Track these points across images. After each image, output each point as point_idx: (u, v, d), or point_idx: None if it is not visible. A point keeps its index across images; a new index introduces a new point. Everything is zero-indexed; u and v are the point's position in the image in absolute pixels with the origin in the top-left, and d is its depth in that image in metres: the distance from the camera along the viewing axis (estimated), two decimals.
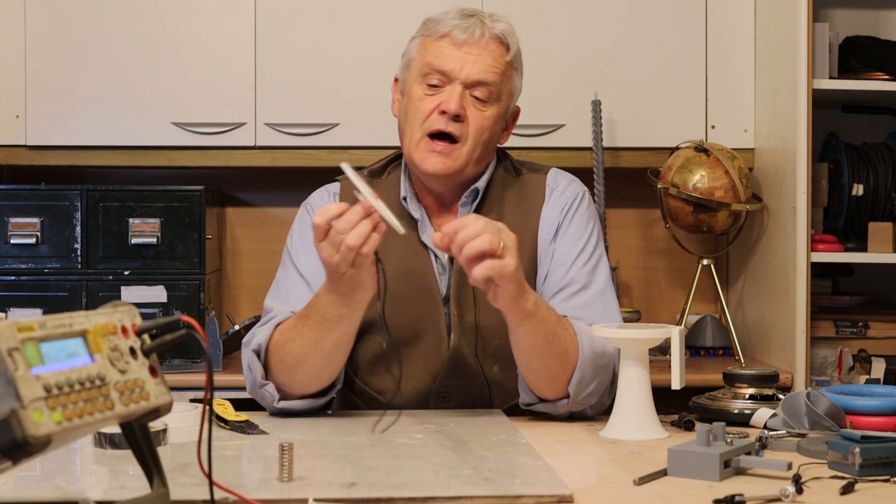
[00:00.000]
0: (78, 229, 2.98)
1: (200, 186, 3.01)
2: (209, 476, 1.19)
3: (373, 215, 1.62)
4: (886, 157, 3.14)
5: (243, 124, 3.16)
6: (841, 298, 3.28)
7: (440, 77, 1.92)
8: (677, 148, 3.17)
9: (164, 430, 1.61)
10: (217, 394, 2.64)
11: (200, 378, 2.81)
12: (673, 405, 1.92)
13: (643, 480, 1.42)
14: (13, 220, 2.98)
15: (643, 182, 3.24)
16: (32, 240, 2.97)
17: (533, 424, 1.84)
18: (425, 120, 1.92)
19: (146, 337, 1.20)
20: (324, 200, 2.05)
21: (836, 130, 3.24)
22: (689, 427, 1.80)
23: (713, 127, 3.24)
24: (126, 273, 2.99)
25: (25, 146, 3.15)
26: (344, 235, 1.62)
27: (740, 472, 1.46)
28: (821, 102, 3.03)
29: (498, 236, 1.63)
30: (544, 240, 2.00)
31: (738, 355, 3.15)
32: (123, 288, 2.98)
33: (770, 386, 1.86)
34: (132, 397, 1.14)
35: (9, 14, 3.13)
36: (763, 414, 1.78)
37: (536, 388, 1.86)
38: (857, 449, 1.43)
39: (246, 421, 1.77)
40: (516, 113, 2.05)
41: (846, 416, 1.72)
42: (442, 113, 1.91)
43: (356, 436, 1.71)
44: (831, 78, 3.04)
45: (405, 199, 2.00)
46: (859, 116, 3.39)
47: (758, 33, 3.22)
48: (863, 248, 3.02)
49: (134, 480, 1.39)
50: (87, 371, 1.10)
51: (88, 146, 3.16)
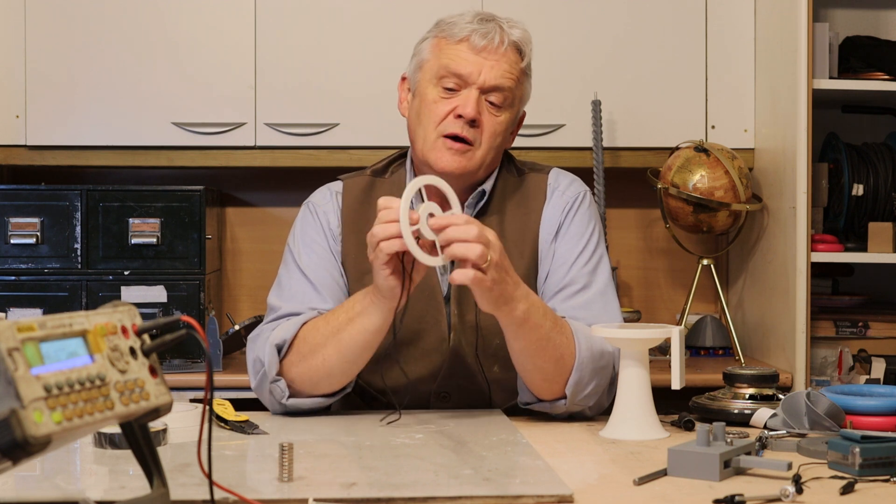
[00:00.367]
0: (78, 229, 2.98)
1: (200, 186, 3.01)
2: (209, 476, 1.19)
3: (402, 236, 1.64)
4: (886, 157, 3.14)
5: (243, 124, 3.16)
6: (841, 298, 3.28)
7: (456, 81, 1.92)
8: (677, 148, 3.17)
9: (164, 430, 1.61)
10: (217, 394, 2.64)
11: (200, 378, 2.81)
12: (673, 405, 1.92)
13: (643, 480, 1.42)
14: (13, 220, 2.97)
15: (643, 182, 3.24)
16: (32, 240, 2.97)
17: (533, 424, 1.84)
18: (440, 123, 1.93)
19: (146, 337, 1.20)
20: (326, 200, 2.05)
21: (836, 130, 3.24)
22: (689, 427, 1.80)
23: (713, 127, 3.24)
24: (126, 273, 2.99)
25: (25, 146, 3.15)
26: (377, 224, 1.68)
27: (740, 472, 1.46)
28: (821, 102, 3.03)
29: (487, 250, 1.64)
30: (545, 240, 2.00)
31: (738, 355, 3.15)
32: (123, 288, 2.97)
33: (770, 386, 1.86)
34: (132, 397, 1.14)
35: (9, 14, 3.13)
36: (763, 414, 1.78)
37: (533, 389, 1.86)
38: (857, 449, 1.43)
39: (246, 421, 1.77)
40: (522, 116, 2.06)
41: (846, 416, 1.72)
42: (458, 117, 1.91)
43: (356, 436, 1.71)
44: (831, 78, 3.04)
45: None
46: (859, 116, 3.39)
47: (758, 33, 3.22)
48: (863, 248, 3.02)
49: (134, 480, 1.39)
50: (87, 371, 1.10)
51: (88, 146, 3.16)
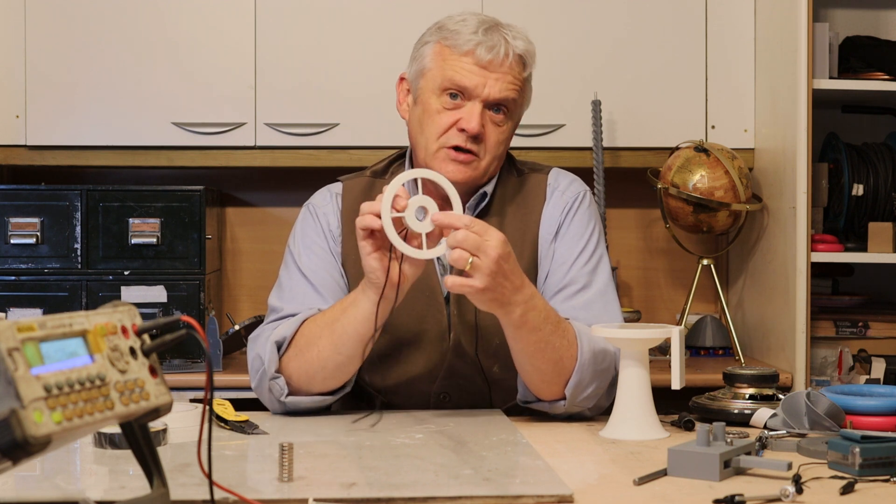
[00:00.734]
0: (78, 229, 2.98)
1: (200, 186, 3.01)
2: (209, 476, 1.19)
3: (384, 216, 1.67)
4: (886, 157, 3.14)
5: (243, 124, 3.16)
6: (841, 298, 3.28)
7: (460, 93, 1.92)
8: (677, 148, 3.17)
9: (164, 430, 1.61)
10: (217, 394, 2.64)
11: (200, 378, 2.81)
12: (673, 405, 1.92)
13: (643, 480, 1.42)
14: (13, 220, 2.97)
15: (643, 182, 3.24)
16: (32, 240, 2.97)
17: (533, 424, 1.84)
18: (443, 134, 1.93)
19: (146, 337, 1.20)
20: (326, 201, 2.05)
21: (836, 130, 3.24)
22: (689, 427, 1.80)
23: (713, 127, 3.24)
24: (126, 273, 2.99)
25: (25, 146, 3.15)
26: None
27: (740, 472, 1.46)
28: (821, 102, 3.03)
29: (467, 255, 1.64)
30: (545, 239, 2.00)
31: (738, 355, 3.15)
32: (123, 288, 2.97)
33: (770, 386, 1.86)
34: (132, 397, 1.14)
35: (9, 14, 3.13)
36: (763, 414, 1.78)
37: (532, 388, 1.86)
38: (857, 449, 1.43)
39: (246, 421, 1.77)
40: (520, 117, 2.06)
41: (846, 416, 1.72)
42: (461, 130, 1.91)
43: (356, 436, 1.71)
44: (831, 78, 3.04)
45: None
46: (859, 116, 3.39)
47: (758, 33, 3.22)
48: (863, 248, 3.02)
49: (134, 480, 1.39)
50: (87, 371, 1.10)
51: (88, 146, 3.16)
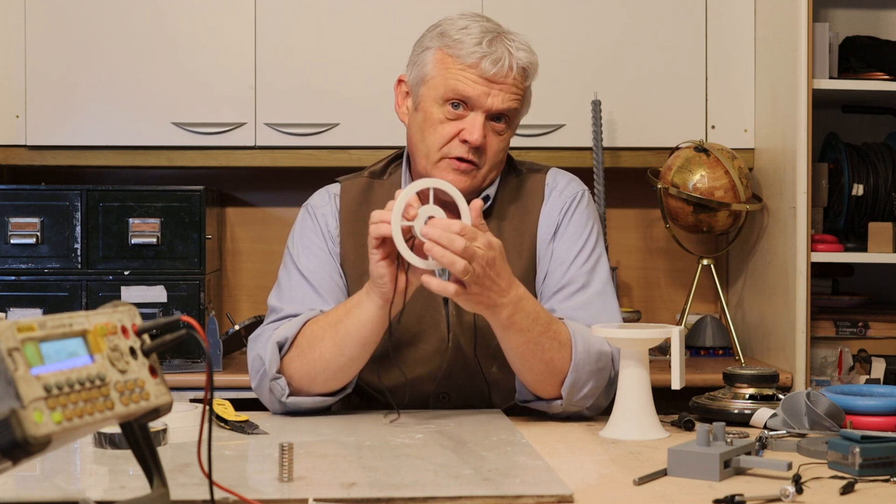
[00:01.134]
0: (78, 229, 2.98)
1: (200, 186, 3.01)
2: (209, 476, 1.19)
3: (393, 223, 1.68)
4: (886, 157, 3.14)
5: (243, 124, 3.16)
6: (841, 298, 3.28)
7: (463, 103, 1.92)
8: (677, 148, 3.17)
9: (164, 430, 1.61)
10: (217, 394, 2.64)
11: (200, 378, 2.80)
12: (673, 405, 1.92)
13: (643, 480, 1.42)
14: (13, 220, 2.97)
15: (643, 182, 3.24)
16: (32, 240, 2.97)
17: (533, 424, 1.84)
18: (445, 145, 1.93)
19: (146, 337, 1.20)
20: (324, 202, 2.05)
21: (836, 130, 3.24)
22: (689, 427, 1.80)
23: (713, 127, 3.24)
24: (126, 273, 2.99)
25: (25, 146, 3.15)
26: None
27: (740, 472, 1.46)
28: (821, 102, 3.03)
29: (470, 265, 1.65)
30: (543, 240, 2.00)
31: (738, 355, 3.15)
32: (123, 288, 2.97)
33: (770, 386, 1.86)
34: (132, 397, 1.14)
35: (9, 14, 3.13)
36: (763, 414, 1.78)
37: (529, 387, 1.87)
38: (857, 449, 1.43)
39: (246, 421, 1.77)
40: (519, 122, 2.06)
41: (846, 416, 1.72)
42: (463, 141, 1.92)
43: (356, 436, 1.71)
44: (831, 78, 3.04)
45: None
46: (859, 116, 3.39)
47: (758, 33, 3.22)
48: (863, 248, 3.02)
49: (134, 480, 1.39)
50: (87, 371, 1.10)
51: (88, 146, 3.16)
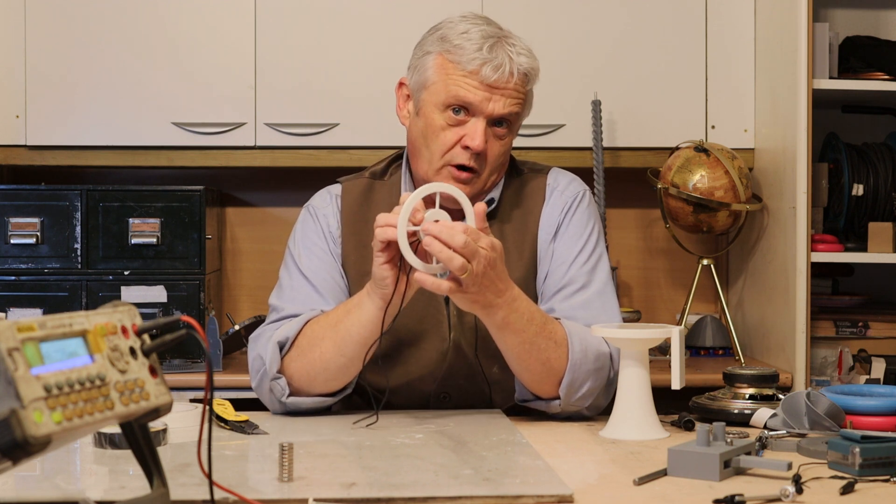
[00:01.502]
0: (78, 229, 2.98)
1: (200, 186, 3.01)
2: (209, 476, 1.19)
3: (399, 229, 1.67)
4: (886, 157, 3.14)
5: (243, 124, 3.16)
6: (841, 298, 3.28)
7: (464, 108, 1.92)
8: (677, 148, 3.17)
9: (164, 430, 1.61)
10: (217, 394, 2.64)
11: (200, 378, 2.80)
12: (673, 405, 1.92)
13: (643, 480, 1.42)
14: (13, 220, 2.97)
15: (643, 182, 3.24)
16: (32, 240, 2.97)
17: (533, 424, 1.84)
18: (447, 152, 1.93)
19: (146, 337, 1.19)
20: (326, 202, 2.05)
21: (836, 130, 3.24)
22: (689, 427, 1.80)
23: (713, 127, 3.24)
24: (126, 273, 2.99)
25: (25, 146, 3.15)
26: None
27: (740, 472, 1.46)
28: (821, 102, 3.03)
29: (468, 263, 1.65)
30: (544, 240, 2.00)
31: (738, 355, 3.15)
32: (123, 288, 2.97)
33: (770, 386, 1.86)
34: (132, 397, 1.14)
35: (9, 14, 3.13)
36: (763, 414, 1.78)
37: (527, 386, 1.87)
38: (857, 449, 1.43)
39: (246, 421, 1.77)
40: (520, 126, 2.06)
41: (846, 416, 1.72)
42: (465, 147, 1.92)
43: (356, 436, 1.71)
44: (831, 78, 3.04)
45: None
46: (859, 116, 3.39)
47: (758, 33, 3.22)
48: (863, 248, 3.02)
49: (134, 480, 1.39)
50: (87, 371, 1.10)
51: (88, 146, 3.16)
